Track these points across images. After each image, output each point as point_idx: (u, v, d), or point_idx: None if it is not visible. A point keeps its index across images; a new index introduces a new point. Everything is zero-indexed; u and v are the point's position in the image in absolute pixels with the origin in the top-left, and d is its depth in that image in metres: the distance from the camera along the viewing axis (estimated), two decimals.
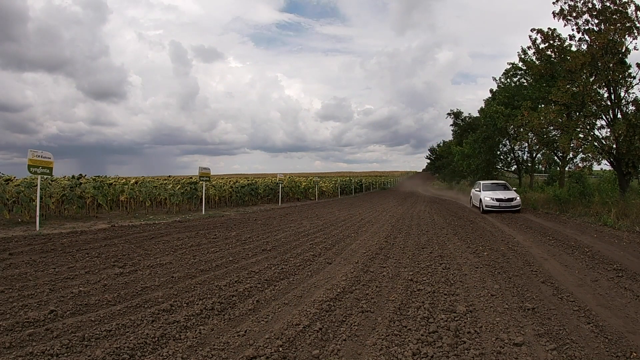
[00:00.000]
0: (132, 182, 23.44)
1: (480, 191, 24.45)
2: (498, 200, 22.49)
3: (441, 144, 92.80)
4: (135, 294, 7.05)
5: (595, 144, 20.37)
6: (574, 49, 21.55)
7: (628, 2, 19.04)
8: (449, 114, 57.53)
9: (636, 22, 18.99)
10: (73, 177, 22.56)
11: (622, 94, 20.07)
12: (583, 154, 20.49)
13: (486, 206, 22.65)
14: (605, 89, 20.45)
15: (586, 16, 20.39)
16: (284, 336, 5.26)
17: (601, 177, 27.20)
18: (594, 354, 4.82)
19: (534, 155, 34.90)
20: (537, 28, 22.72)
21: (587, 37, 20.53)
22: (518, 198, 22.92)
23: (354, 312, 6.23)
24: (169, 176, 34.48)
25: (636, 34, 19.06)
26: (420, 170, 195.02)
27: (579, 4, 20.44)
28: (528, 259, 10.13)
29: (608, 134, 20.44)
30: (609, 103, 20.36)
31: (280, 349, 4.94)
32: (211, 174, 24.13)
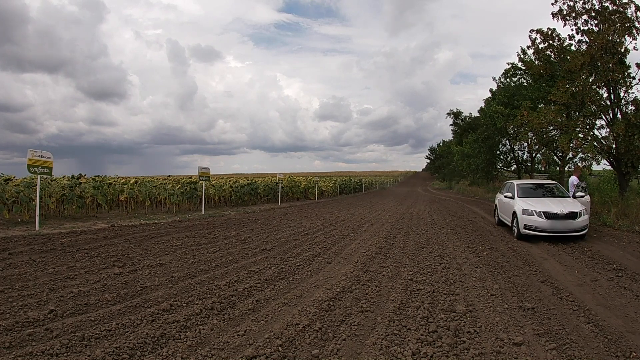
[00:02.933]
0: (131, 181, 23.39)
1: (514, 198, 14.59)
2: (548, 215, 12.58)
3: (441, 144, 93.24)
4: (135, 294, 7.06)
5: (595, 143, 20.35)
6: (573, 49, 21.58)
7: (628, 2, 19.05)
8: (448, 113, 57.84)
9: (635, 23, 18.99)
10: (73, 176, 22.50)
11: (622, 94, 20.06)
12: (583, 153, 20.46)
13: (526, 226, 12.93)
14: (605, 89, 20.43)
15: (585, 17, 20.39)
16: (284, 336, 5.27)
17: (601, 177, 27.20)
18: (593, 354, 4.83)
19: (534, 155, 34.92)
20: (536, 28, 22.78)
21: (586, 38, 20.56)
22: (584, 212, 12.87)
23: (354, 312, 6.24)
24: (169, 176, 34.41)
25: (635, 34, 19.05)
26: (420, 170, 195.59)
27: (578, 5, 20.45)
28: (527, 259, 10.14)
29: (607, 134, 20.44)
30: (608, 103, 20.36)
31: (280, 348, 4.94)
32: (211, 173, 24.09)
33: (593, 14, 20.10)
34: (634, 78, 19.56)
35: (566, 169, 27.72)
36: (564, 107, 21.35)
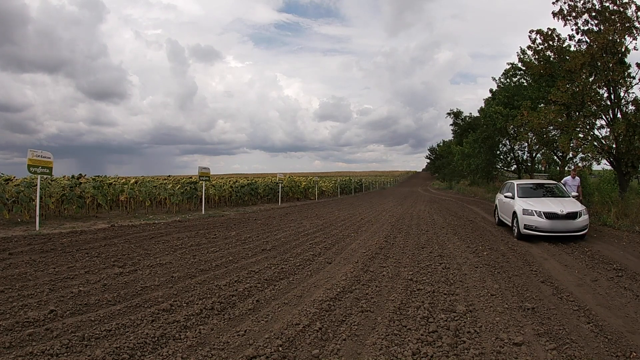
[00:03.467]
0: (131, 181, 23.41)
1: (514, 198, 14.55)
2: (549, 215, 12.57)
3: (441, 144, 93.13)
4: (135, 294, 7.07)
5: (595, 143, 20.31)
6: (573, 49, 21.56)
7: (628, 2, 19.03)
8: (448, 113, 58.01)
9: (636, 23, 18.98)
10: (73, 176, 22.50)
11: (622, 94, 20.02)
12: (583, 153, 20.41)
13: (526, 226, 12.90)
14: (605, 88, 20.40)
15: (585, 16, 20.37)
16: (284, 336, 5.27)
17: (601, 177, 27.18)
18: (593, 354, 4.83)
19: (534, 155, 34.88)
20: (536, 29, 22.76)
21: (586, 38, 20.53)
22: (584, 212, 12.89)
23: (354, 312, 6.24)
24: (169, 176, 34.40)
25: (636, 34, 19.04)
26: (420, 170, 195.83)
27: (579, 4, 20.42)
28: (528, 259, 10.14)
29: (608, 134, 20.41)
30: (608, 103, 20.33)
31: (280, 348, 4.94)
32: (211, 173, 24.11)
33: (593, 14, 20.09)
34: (634, 78, 19.54)
35: (566, 169, 27.69)
36: (564, 107, 21.32)
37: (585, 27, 20.56)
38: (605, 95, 20.51)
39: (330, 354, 4.85)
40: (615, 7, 19.40)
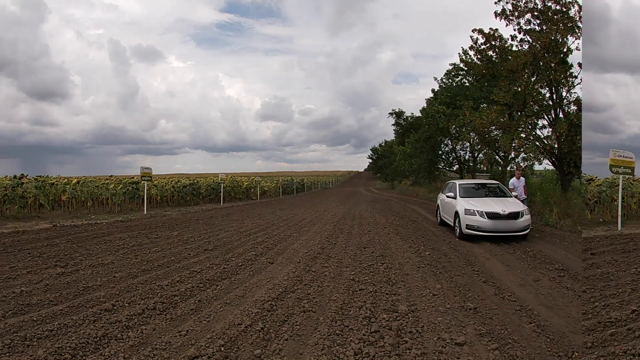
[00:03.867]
0: (74, 181, 23.16)
1: (456, 198, 14.50)
2: (491, 215, 12.58)
3: (383, 144, 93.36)
4: (77, 294, 7.01)
5: (537, 143, 20.49)
6: (515, 49, 21.82)
7: (572, 2, 19.26)
8: (390, 113, 58.34)
9: (578, 22, 19.32)
10: (15, 176, 21.92)
11: (564, 94, 20.19)
12: (525, 153, 20.61)
13: (468, 226, 12.88)
14: (547, 88, 20.54)
15: (528, 16, 20.43)
16: (226, 336, 5.29)
17: (543, 177, 27.84)
18: (535, 354, 4.91)
19: (476, 155, 35.30)
20: (478, 28, 22.90)
21: (528, 37, 20.70)
22: (526, 212, 13.04)
23: (296, 312, 6.28)
24: (111, 176, 33.90)
25: (578, 34, 19.37)
26: (362, 170, 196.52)
27: (521, 4, 20.48)
28: (470, 259, 10.27)
29: (550, 134, 20.63)
30: (550, 103, 20.51)
31: (222, 348, 4.95)
32: (153, 173, 23.89)
33: (536, 13, 20.17)
34: (576, 77, 19.75)
35: (508, 169, 28.20)
36: (506, 107, 21.34)
37: (528, 27, 20.59)
38: (548, 95, 20.61)
39: (272, 354, 4.87)
40: (558, 7, 19.62)
